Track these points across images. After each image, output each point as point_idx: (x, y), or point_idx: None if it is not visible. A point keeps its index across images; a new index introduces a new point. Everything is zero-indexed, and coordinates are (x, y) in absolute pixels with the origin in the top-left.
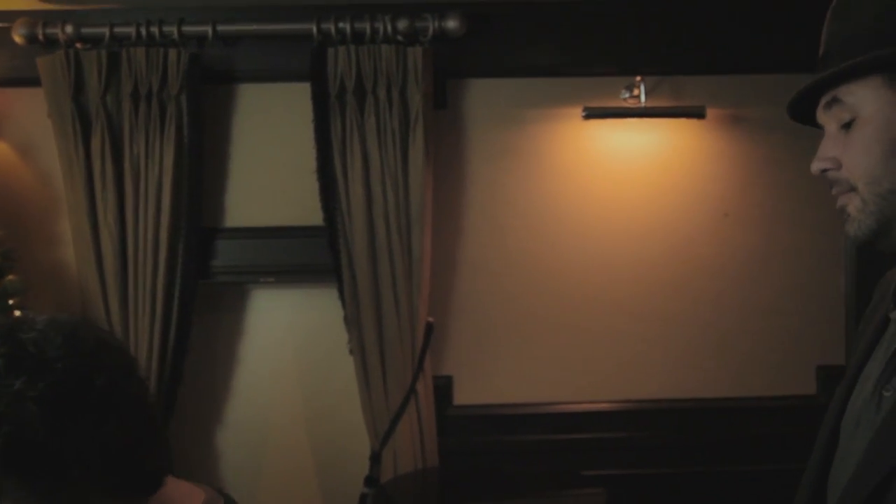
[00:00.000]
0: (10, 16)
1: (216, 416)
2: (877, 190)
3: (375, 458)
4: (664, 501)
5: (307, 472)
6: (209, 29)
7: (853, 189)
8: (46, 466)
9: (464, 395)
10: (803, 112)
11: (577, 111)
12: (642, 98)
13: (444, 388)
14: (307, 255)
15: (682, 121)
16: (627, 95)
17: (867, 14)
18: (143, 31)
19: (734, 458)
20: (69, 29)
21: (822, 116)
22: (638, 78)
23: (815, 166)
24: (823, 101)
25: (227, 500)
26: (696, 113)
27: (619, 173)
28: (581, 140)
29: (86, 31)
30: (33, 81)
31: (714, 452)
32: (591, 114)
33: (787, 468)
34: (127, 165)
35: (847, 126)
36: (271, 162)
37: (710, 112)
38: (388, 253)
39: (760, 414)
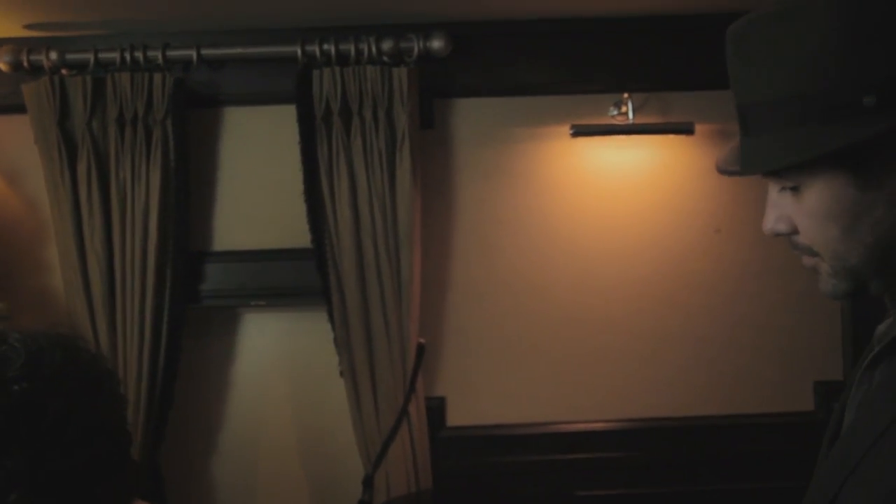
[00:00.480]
0: None
1: (208, 441)
2: (844, 264)
3: (368, 482)
4: None
5: (300, 496)
6: (194, 53)
7: (818, 255)
8: None
9: (457, 416)
10: None
11: (565, 129)
12: (630, 115)
13: (437, 409)
14: (297, 278)
15: (671, 137)
16: (615, 112)
17: (783, 61)
18: (128, 56)
19: (732, 477)
20: (54, 55)
21: (761, 175)
22: (625, 95)
23: (768, 229)
24: None
25: None
26: (685, 129)
27: (609, 191)
28: (569, 158)
29: (70, 56)
30: (19, 108)
31: (711, 471)
32: (579, 131)
33: (786, 486)
34: (113, 190)
35: (793, 189)
36: (258, 185)
37: (699, 128)
38: (377, 274)
39: (758, 431)
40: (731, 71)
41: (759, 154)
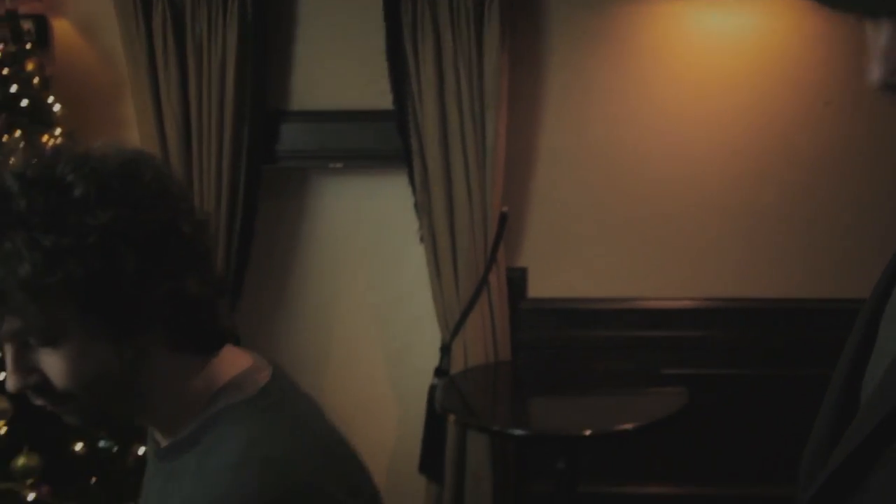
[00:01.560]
0: None
1: (283, 303)
2: None
3: (445, 350)
4: (748, 403)
5: (375, 362)
6: None
7: None
8: (126, 310)
9: (538, 288)
10: None
11: None
12: None
13: (518, 280)
14: (377, 141)
15: (781, 0)
16: None
17: None
18: None
19: (823, 362)
20: None
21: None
22: None
23: (879, 79)
24: None
25: (276, 369)
26: None
27: (710, 57)
28: (669, 21)
29: None
30: None
31: (801, 355)
32: None
33: None
34: (189, 44)
35: None
36: (339, 42)
37: None
38: (461, 139)
39: (855, 316)
40: None
41: None
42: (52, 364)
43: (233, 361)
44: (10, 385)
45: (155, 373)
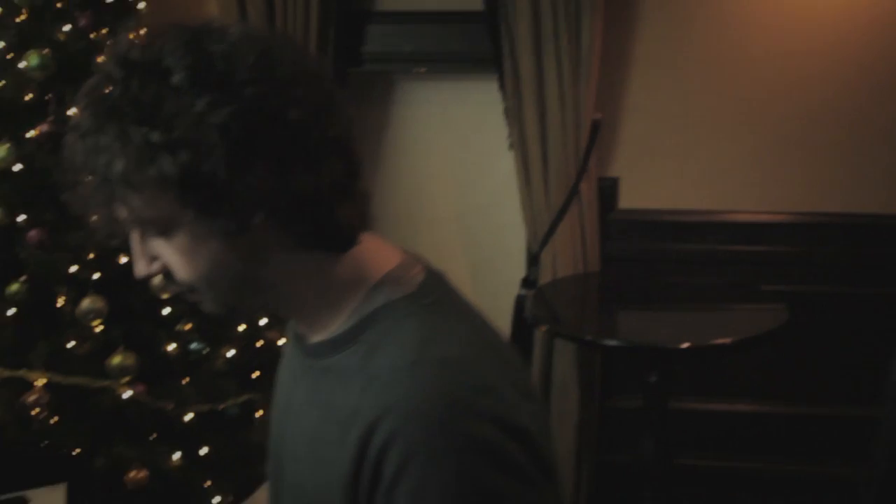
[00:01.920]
0: None
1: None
2: None
3: (534, 260)
4: (850, 322)
5: (461, 272)
6: None
7: None
8: (226, 205)
9: (630, 199)
10: None
11: None
12: None
13: (609, 189)
14: (465, 44)
15: None
16: None
17: None
18: None
19: None
20: None
21: None
22: None
23: None
24: None
25: (428, 264)
26: None
27: None
28: None
29: None
30: None
31: None
32: None
33: None
34: None
35: None
36: None
37: None
38: (555, 43)
39: None
40: None
41: None
42: (169, 255)
43: (384, 256)
44: (137, 270)
45: (281, 269)
